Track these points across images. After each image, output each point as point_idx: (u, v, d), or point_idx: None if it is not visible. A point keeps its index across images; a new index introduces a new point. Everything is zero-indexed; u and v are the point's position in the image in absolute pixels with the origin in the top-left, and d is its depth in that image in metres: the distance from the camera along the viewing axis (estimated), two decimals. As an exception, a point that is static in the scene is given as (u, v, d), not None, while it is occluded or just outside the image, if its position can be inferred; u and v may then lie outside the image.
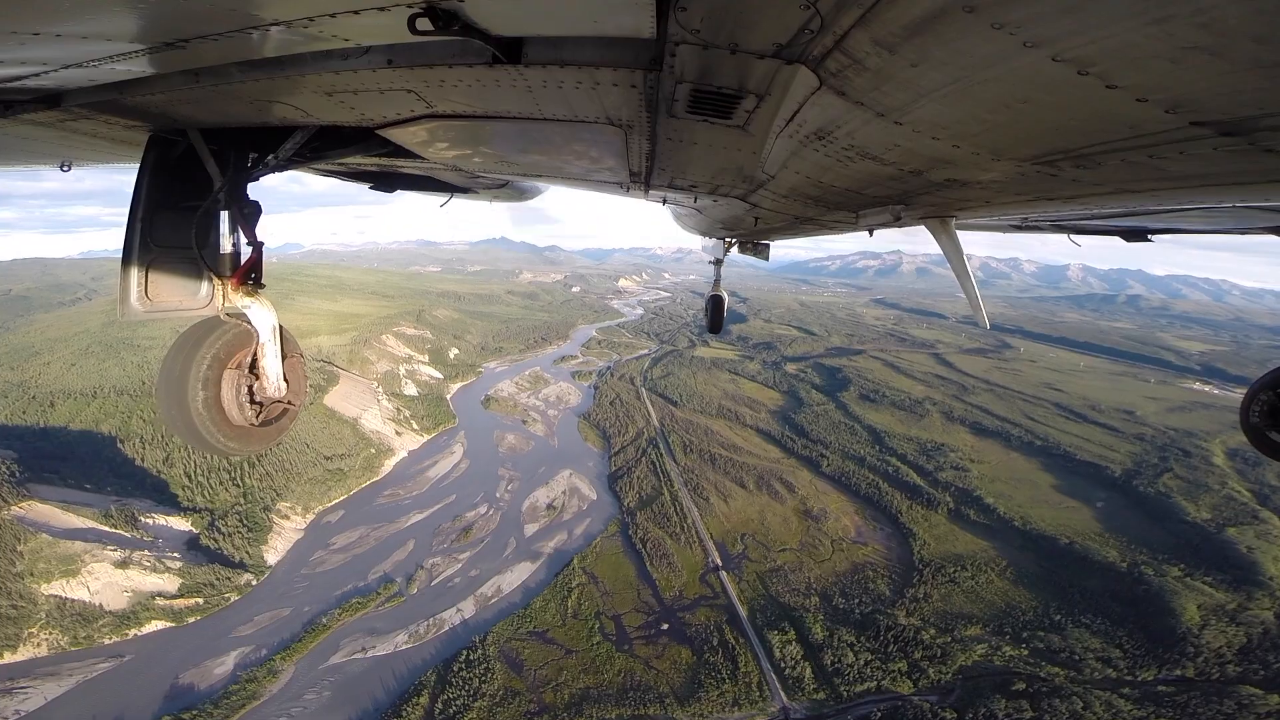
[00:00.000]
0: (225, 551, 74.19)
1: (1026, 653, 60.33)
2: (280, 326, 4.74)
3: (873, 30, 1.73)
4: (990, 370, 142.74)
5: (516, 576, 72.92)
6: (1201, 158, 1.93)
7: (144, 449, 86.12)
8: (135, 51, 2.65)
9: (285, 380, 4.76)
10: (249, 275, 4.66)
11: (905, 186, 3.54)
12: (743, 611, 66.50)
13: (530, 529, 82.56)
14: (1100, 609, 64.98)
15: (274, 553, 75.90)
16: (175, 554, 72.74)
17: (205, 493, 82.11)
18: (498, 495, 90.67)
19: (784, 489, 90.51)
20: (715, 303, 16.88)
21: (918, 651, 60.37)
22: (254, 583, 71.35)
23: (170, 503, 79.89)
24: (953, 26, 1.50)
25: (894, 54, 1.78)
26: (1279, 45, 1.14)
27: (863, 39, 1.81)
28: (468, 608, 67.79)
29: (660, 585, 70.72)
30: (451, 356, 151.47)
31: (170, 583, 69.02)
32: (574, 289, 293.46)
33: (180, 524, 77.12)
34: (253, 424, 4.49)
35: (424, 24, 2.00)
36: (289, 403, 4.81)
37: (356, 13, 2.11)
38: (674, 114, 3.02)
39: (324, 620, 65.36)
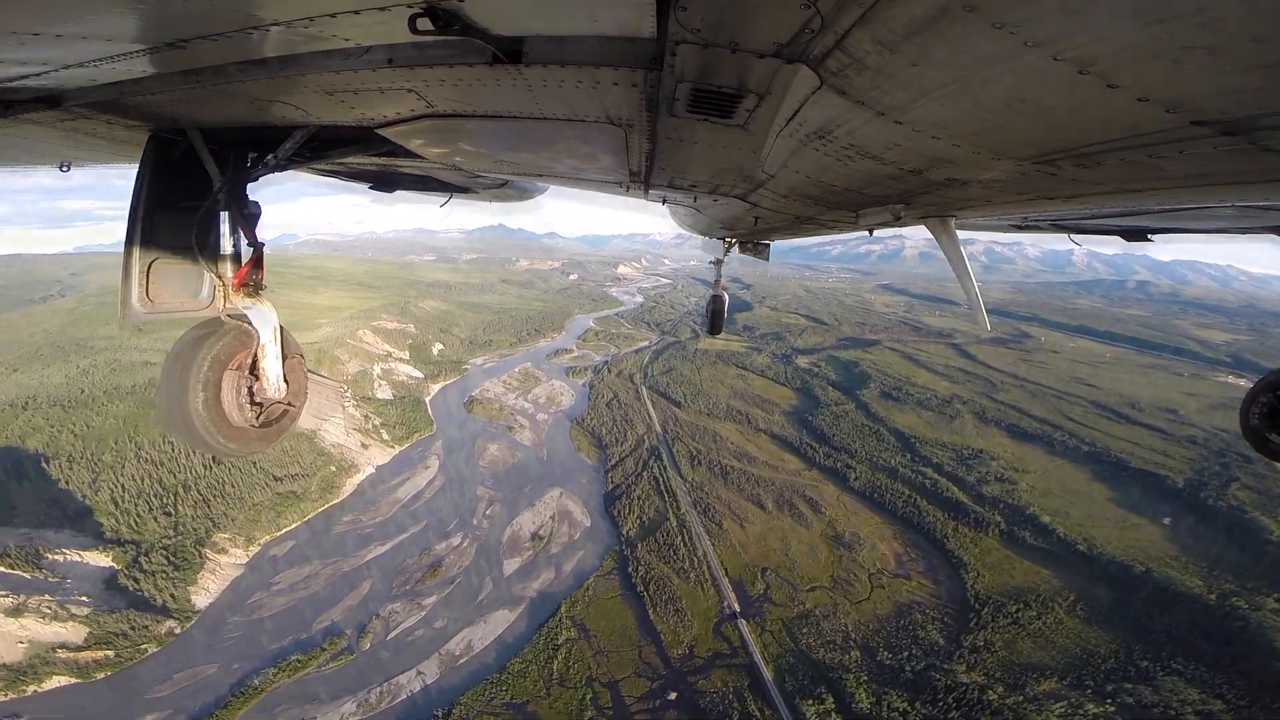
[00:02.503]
0: (147, 593, 62.91)
1: (1113, 709, 50.22)
2: (281, 327, 4.73)
3: (873, 29, 1.74)
4: (1015, 363, 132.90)
5: (491, 628, 61.17)
6: (1201, 157, 1.94)
7: (70, 469, 74.91)
8: (135, 51, 2.66)
9: (285, 381, 4.73)
10: (250, 276, 4.65)
11: (905, 186, 3.53)
12: (768, 673, 55.11)
13: (511, 565, 70.66)
14: (1191, 650, 54.76)
15: (204, 594, 64.26)
16: (85, 597, 61.97)
17: (132, 522, 70.68)
18: (474, 521, 78.71)
19: (808, 509, 78.88)
20: (715, 304, 16.41)
21: (985, 717, 49.94)
22: (177, 631, 60.15)
23: (92, 533, 68.56)
24: (953, 26, 1.51)
25: (895, 53, 1.80)
26: (1279, 45, 1.15)
27: (863, 38, 1.82)
28: (430, 669, 56.35)
29: (666, 640, 59.01)
30: (435, 353, 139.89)
31: (75, 632, 58.50)
32: (571, 276, 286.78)
33: (99, 560, 65.81)
34: (252, 425, 4.47)
35: (424, 24, 2.01)
36: (289, 404, 4.78)
37: (356, 13, 2.14)
38: (674, 113, 2.99)
39: (255, 682, 54.75)
